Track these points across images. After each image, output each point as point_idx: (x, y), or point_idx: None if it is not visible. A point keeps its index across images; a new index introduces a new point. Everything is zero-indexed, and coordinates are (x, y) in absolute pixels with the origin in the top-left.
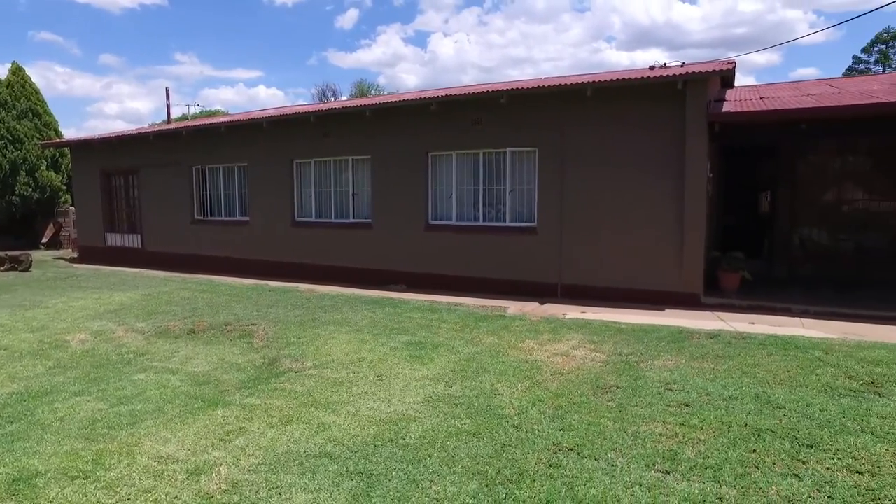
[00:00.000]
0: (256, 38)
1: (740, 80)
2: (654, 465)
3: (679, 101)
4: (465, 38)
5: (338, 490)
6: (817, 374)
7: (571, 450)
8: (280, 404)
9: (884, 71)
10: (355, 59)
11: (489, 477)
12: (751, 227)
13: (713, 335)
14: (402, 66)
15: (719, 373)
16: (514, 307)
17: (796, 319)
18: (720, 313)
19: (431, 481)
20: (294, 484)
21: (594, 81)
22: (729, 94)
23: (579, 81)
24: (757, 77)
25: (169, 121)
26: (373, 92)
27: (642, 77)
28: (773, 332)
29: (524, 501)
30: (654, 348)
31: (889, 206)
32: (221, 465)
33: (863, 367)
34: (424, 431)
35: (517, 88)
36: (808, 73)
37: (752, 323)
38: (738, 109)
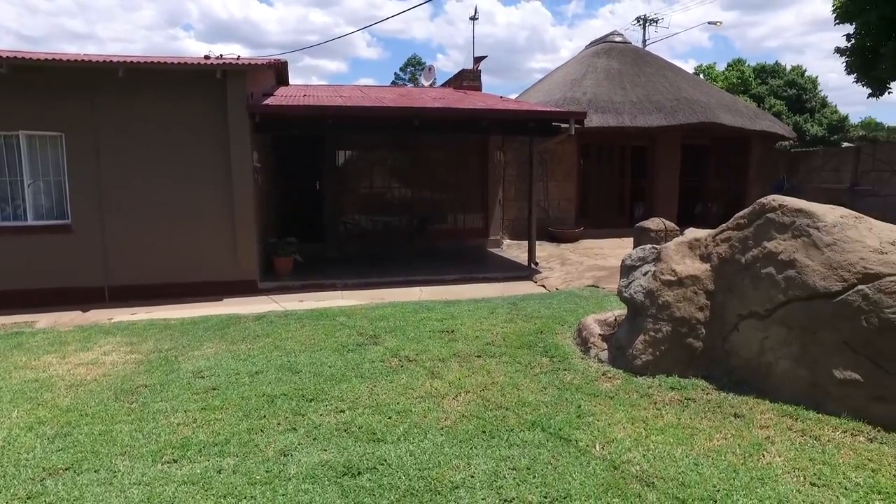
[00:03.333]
0: None
1: (315, 81)
2: (162, 458)
3: (222, 91)
4: None
5: None
6: (336, 337)
7: (67, 469)
8: None
9: (415, 86)
10: None
11: None
12: (310, 213)
13: (260, 317)
14: None
15: (254, 351)
16: (46, 320)
17: (338, 292)
18: (275, 296)
19: None
20: None
21: (127, 61)
22: (281, 90)
23: (109, 59)
24: (330, 81)
25: None
26: None
27: (179, 63)
28: (316, 307)
29: None
30: (198, 339)
31: (406, 193)
32: None
33: (371, 323)
34: None
35: (22, 58)
36: (368, 81)
37: (302, 301)
38: (277, 103)
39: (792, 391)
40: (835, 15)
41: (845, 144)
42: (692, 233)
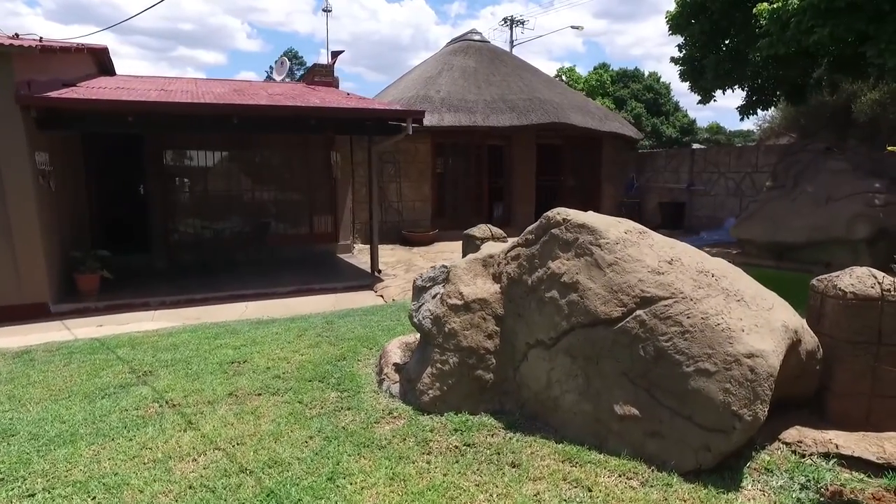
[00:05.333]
0: None
1: (191, 74)
2: None
3: None
4: None
5: None
6: (100, 377)
7: None
8: None
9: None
10: None
11: None
12: (135, 220)
13: (22, 353)
14: None
15: None
16: None
17: (151, 313)
18: (71, 320)
19: None
20: None
21: None
22: (98, 80)
23: None
24: (208, 73)
25: None
26: None
27: None
28: (113, 333)
29: None
30: None
31: (246, 196)
32: None
33: (155, 355)
34: None
35: None
36: (248, 74)
37: (101, 325)
38: (60, 96)
39: (578, 428)
40: (668, 26)
41: (695, 145)
42: (489, 248)
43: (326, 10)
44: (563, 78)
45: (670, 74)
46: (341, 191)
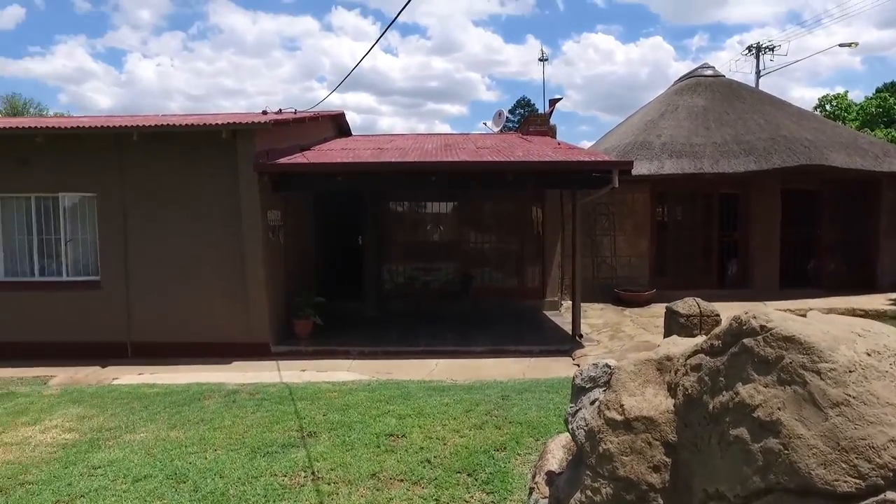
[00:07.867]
0: None
1: (437, 126)
2: None
3: (233, 151)
4: (169, 63)
5: None
6: (271, 431)
7: None
8: None
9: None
10: (22, 67)
11: None
12: (351, 270)
13: (233, 392)
14: (91, 85)
15: (174, 443)
16: (64, 375)
17: (348, 362)
18: (284, 361)
19: None
20: None
21: (139, 126)
22: (333, 143)
23: (122, 125)
24: (451, 124)
25: None
26: (32, 111)
27: (186, 125)
28: (310, 379)
29: None
30: (149, 417)
31: (453, 248)
32: None
33: (326, 415)
34: None
35: (54, 127)
36: (481, 127)
37: (304, 370)
38: (286, 161)
39: None
40: None
41: None
42: (669, 346)
43: (542, 60)
44: (828, 108)
45: None
46: (549, 244)
